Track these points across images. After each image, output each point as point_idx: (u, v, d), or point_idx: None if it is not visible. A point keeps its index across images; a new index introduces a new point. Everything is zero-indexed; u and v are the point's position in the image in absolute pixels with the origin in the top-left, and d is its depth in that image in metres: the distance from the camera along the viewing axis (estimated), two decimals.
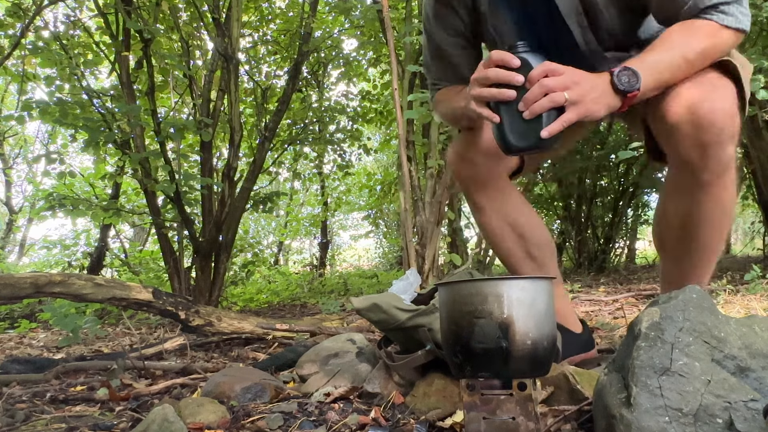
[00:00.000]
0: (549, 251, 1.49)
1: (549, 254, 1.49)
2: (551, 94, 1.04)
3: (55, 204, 3.68)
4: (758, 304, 2.52)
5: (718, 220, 1.20)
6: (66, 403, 1.49)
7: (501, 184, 1.46)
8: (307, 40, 4.91)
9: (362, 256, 13.75)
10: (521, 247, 1.47)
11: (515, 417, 0.95)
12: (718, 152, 1.10)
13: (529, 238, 1.47)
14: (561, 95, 1.04)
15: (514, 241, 1.46)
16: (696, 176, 1.15)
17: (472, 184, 1.46)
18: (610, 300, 3.29)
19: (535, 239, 1.47)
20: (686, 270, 1.30)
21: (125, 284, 2.42)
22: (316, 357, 1.60)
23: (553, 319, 1.00)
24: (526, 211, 1.49)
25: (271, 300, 5.97)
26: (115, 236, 6.05)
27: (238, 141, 4.16)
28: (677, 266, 1.32)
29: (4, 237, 9.70)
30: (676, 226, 1.25)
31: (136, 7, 3.89)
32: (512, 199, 1.48)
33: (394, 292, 1.42)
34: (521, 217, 1.47)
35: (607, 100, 1.07)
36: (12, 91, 8.57)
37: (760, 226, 7.90)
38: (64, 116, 3.52)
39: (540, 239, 1.49)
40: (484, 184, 1.45)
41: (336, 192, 9.74)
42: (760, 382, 0.84)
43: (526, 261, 1.47)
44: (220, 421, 1.21)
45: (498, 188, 1.45)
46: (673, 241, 1.29)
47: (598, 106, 1.06)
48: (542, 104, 1.04)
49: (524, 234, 1.47)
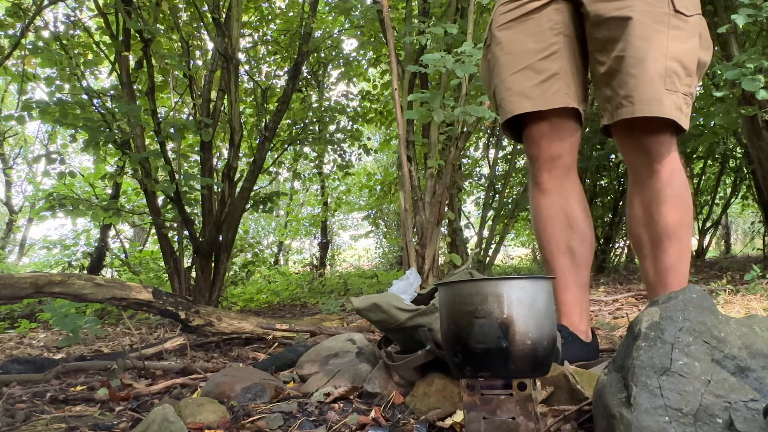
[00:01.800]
0: (589, 251, 1.48)
1: (588, 254, 1.48)
2: None
3: (55, 204, 3.67)
4: (758, 304, 2.52)
5: (674, 200, 1.31)
6: (66, 403, 1.49)
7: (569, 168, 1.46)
8: (307, 40, 4.91)
9: (362, 256, 13.75)
10: (566, 237, 1.45)
11: (515, 417, 0.95)
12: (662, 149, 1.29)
13: (577, 232, 1.46)
14: None
15: (563, 230, 1.45)
16: (648, 167, 1.32)
17: (544, 164, 1.44)
18: (610, 300, 3.29)
19: (582, 235, 1.46)
20: (662, 263, 1.35)
21: (125, 284, 2.42)
22: (316, 357, 1.60)
23: (553, 319, 1.00)
24: (583, 206, 1.48)
25: (271, 300, 5.97)
26: (115, 236, 6.05)
27: (238, 141, 4.16)
28: (653, 262, 1.37)
29: (4, 237, 9.70)
30: (643, 219, 1.36)
31: (136, 7, 3.89)
32: (575, 189, 1.47)
33: (394, 292, 1.42)
34: (578, 210, 1.46)
35: None
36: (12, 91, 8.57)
37: (760, 226, 7.90)
38: (64, 116, 3.52)
39: (585, 236, 1.47)
40: (555, 165, 1.44)
41: (336, 192, 9.74)
42: (760, 382, 0.84)
43: (564, 254, 1.46)
44: (220, 421, 1.21)
45: (565, 171, 1.45)
46: (644, 234, 1.37)
47: None
48: None
49: (574, 226, 1.46)
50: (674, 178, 1.32)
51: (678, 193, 1.33)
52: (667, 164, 1.31)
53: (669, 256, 1.34)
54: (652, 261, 1.37)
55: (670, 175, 1.32)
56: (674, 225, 1.33)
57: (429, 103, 2.98)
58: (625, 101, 1.27)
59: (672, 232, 1.33)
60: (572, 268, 1.46)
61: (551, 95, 1.35)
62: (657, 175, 1.31)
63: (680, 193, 1.34)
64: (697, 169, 7.59)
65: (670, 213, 1.33)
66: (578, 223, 1.46)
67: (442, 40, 3.27)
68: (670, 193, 1.32)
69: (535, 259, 10.03)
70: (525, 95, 1.36)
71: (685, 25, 1.29)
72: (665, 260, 1.34)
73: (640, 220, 1.37)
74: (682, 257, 1.35)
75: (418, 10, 4.35)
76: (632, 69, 1.26)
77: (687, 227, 1.35)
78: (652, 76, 1.25)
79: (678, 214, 1.33)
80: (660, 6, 1.27)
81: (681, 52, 1.27)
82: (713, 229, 7.82)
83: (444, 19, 3.78)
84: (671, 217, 1.33)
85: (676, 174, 1.32)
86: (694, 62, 1.30)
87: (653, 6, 1.27)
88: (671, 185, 1.32)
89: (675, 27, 1.27)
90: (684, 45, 1.28)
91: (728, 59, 3.65)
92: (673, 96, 1.25)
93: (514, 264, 10.74)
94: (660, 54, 1.25)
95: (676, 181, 1.33)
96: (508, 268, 9.70)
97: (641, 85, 1.26)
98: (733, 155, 7.15)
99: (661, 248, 1.34)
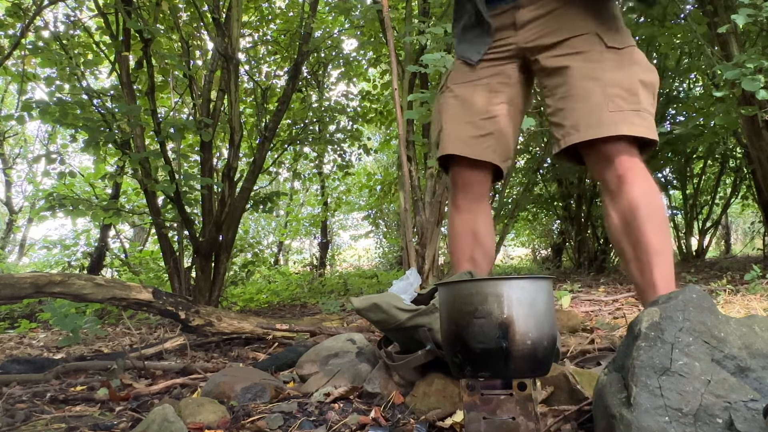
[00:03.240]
0: (488, 262, 1.76)
1: (486, 265, 1.75)
2: None
3: (55, 204, 3.67)
4: (758, 304, 2.52)
5: (646, 202, 1.45)
6: (66, 403, 1.49)
7: (481, 195, 1.73)
8: (307, 40, 4.91)
9: (362, 256, 13.74)
10: (470, 249, 1.73)
11: (515, 417, 0.95)
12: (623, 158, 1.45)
13: (480, 245, 1.73)
14: None
15: (468, 242, 1.73)
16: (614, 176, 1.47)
17: (461, 189, 1.73)
18: (610, 300, 3.29)
19: (484, 248, 1.74)
20: (645, 266, 1.46)
21: (125, 284, 2.42)
22: (316, 357, 1.60)
23: (553, 319, 1.00)
24: (488, 226, 1.77)
25: (271, 300, 5.97)
26: (115, 236, 6.05)
27: (238, 141, 4.16)
28: (637, 265, 1.48)
29: (4, 237, 9.70)
30: (620, 226, 1.50)
31: (136, 7, 3.89)
32: (484, 211, 1.75)
33: (394, 292, 1.42)
34: (483, 228, 1.75)
35: None
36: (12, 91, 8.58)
37: (760, 226, 7.90)
38: (64, 116, 3.51)
39: (487, 250, 1.75)
40: (469, 191, 1.72)
41: (336, 192, 9.74)
42: (760, 382, 0.84)
43: (468, 261, 1.71)
44: (220, 421, 1.21)
45: (477, 197, 1.72)
46: (624, 240, 1.50)
47: None
48: None
49: (478, 240, 1.73)
50: (640, 185, 1.47)
51: (648, 201, 1.47)
52: (631, 172, 1.46)
53: (649, 257, 1.45)
54: (636, 264, 1.48)
55: (633, 180, 1.46)
56: (649, 227, 1.45)
57: (429, 103, 2.98)
58: (572, 130, 1.49)
59: (648, 233, 1.45)
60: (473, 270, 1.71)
61: (482, 149, 1.65)
62: (625, 185, 1.46)
63: (649, 200, 1.47)
64: (697, 169, 7.59)
65: (642, 216, 1.46)
66: (482, 239, 1.72)
67: (442, 40, 3.27)
68: (642, 202, 1.45)
69: (535, 259, 10.04)
70: (463, 142, 1.66)
71: (620, 57, 1.49)
72: (647, 261, 1.45)
73: (618, 228, 1.50)
74: (663, 254, 1.46)
75: (418, 10, 4.35)
76: (576, 104, 1.49)
77: (660, 226, 1.47)
78: (594, 105, 1.46)
79: (648, 214, 1.46)
80: (594, 48, 1.49)
81: (620, 78, 1.47)
82: (713, 229, 7.81)
83: (444, 19, 3.78)
84: (644, 219, 1.46)
85: (640, 180, 1.47)
86: (635, 84, 1.47)
87: (588, 50, 1.49)
88: (640, 192, 1.46)
89: (610, 60, 1.48)
90: (621, 72, 1.47)
91: (728, 59, 3.65)
92: (620, 115, 1.44)
93: (514, 264, 10.74)
94: (599, 87, 1.46)
95: (643, 187, 1.47)
96: (508, 268, 9.70)
97: (585, 115, 1.47)
98: (733, 155, 7.15)
99: (641, 250, 1.45)
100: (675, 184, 7.51)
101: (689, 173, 7.48)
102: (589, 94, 1.47)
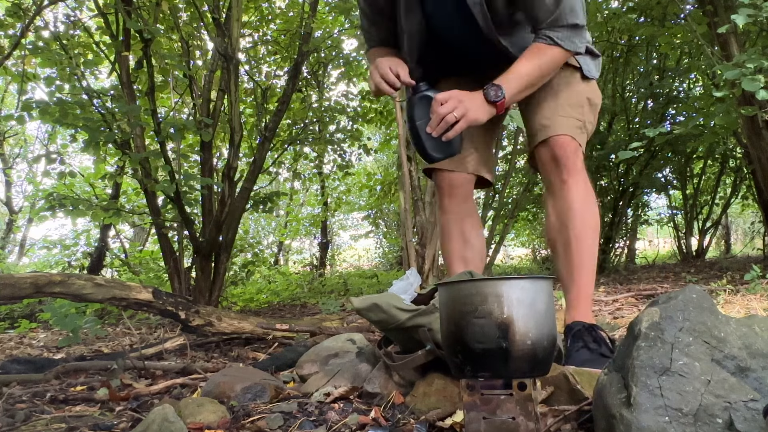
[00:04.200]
0: (479, 259, 1.84)
1: (478, 261, 1.83)
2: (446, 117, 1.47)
3: (55, 204, 3.67)
4: (758, 304, 2.52)
5: (580, 206, 1.61)
6: (66, 403, 1.49)
7: (466, 196, 1.83)
8: (307, 40, 4.90)
9: (362, 256, 13.74)
10: (460, 248, 1.82)
11: (515, 417, 0.95)
12: (568, 163, 1.61)
13: (469, 244, 1.82)
14: (452, 116, 1.47)
15: (458, 242, 1.82)
16: (559, 178, 1.63)
17: (446, 191, 1.82)
18: (610, 300, 3.29)
19: (473, 247, 1.83)
20: (572, 263, 1.61)
21: (125, 284, 2.42)
22: (316, 357, 1.60)
23: (553, 319, 1.00)
24: (475, 222, 1.86)
25: (271, 300, 5.97)
26: (115, 236, 6.05)
27: (238, 141, 4.15)
28: (565, 263, 1.63)
29: (4, 237, 9.70)
30: (556, 224, 1.65)
31: (136, 7, 3.89)
32: (470, 211, 1.84)
33: (394, 292, 1.42)
34: (470, 227, 1.84)
35: (484, 109, 1.51)
36: (12, 91, 8.57)
37: (760, 226, 7.90)
38: (64, 116, 3.51)
39: (476, 248, 1.83)
40: (454, 193, 1.81)
41: (336, 192, 9.74)
42: (760, 382, 0.84)
43: (459, 260, 1.80)
44: (220, 421, 1.21)
45: (463, 198, 1.82)
46: (558, 238, 1.65)
47: (479, 114, 1.51)
48: (441, 127, 1.49)
49: (467, 240, 1.82)
50: (579, 188, 1.62)
51: (582, 205, 1.62)
52: (573, 176, 1.62)
53: (577, 256, 1.61)
54: (564, 261, 1.64)
55: (575, 184, 1.62)
56: (581, 229, 1.61)
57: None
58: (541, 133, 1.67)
59: (579, 236, 1.61)
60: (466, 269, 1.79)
61: (464, 164, 1.79)
62: (566, 185, 1.62)
63: (585, 204, 1.63)
64: (697, 169, 7.59)
65: (577, 219, 1.61)
66: (470, 238, 1.82)
67: None
68: (578, 206, 1.61)
69: (535, 259, 10.04)
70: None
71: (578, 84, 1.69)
72: (574, 260, 1.61)
73: (555, 226, 1.66)
74: (589, 257, 1.62)
75: None
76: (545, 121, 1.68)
77: (592, 230, 1.62)
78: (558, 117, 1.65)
79: (586, 223, 1.62)
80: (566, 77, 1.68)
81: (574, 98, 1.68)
82: (713, 229, 7.82)
83: None
84: (578, 223, 1.61)
85: (580, 184, 1.63)
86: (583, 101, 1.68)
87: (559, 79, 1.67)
88: (578, 195, 1.62)
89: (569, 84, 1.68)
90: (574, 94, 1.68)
91: (728, 59, 3.65)
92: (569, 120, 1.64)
93: (514, 264, 10.74)
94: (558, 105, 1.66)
95: (581, 190, 1.63)
96: (508, 268, 9.71)
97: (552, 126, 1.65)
98: (733, 155, 7.15)
99: (571, 250, 1.61)
100: (675, 184, 7.51)
101: (689, 173, 7.48)
102: (554, 115, 1.66)
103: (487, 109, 1.51)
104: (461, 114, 1.47)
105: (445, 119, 1.47)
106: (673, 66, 6.28)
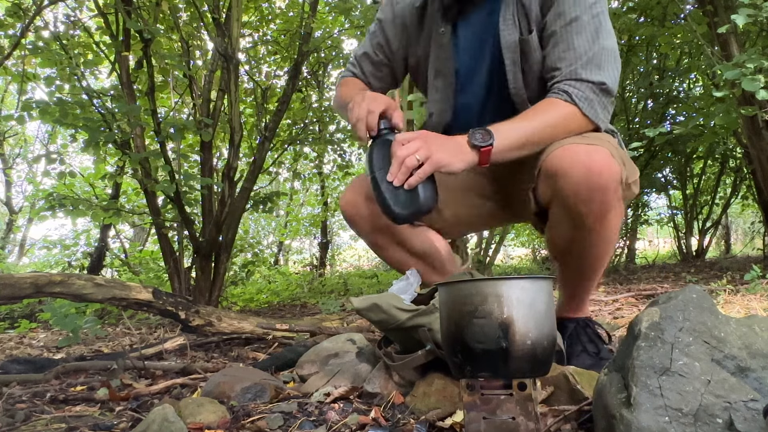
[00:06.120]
0: (449, 260, 1.63)
1: (449, 262, 1.62)
2: (405, 161, 1.19)
3: (55, 204, 3.67)
4: (758, 304, 2.52)
5: (602, 249, 1.35)
6: (66, 403, 1.49)
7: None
8: (307, 40, 4.91)
9: (362, 256, 13.73)
10: (427, 264, 1.61)
11: (515, 417, 0.95)
12: (605, 196, 1.23)
13: (430, 254, 1.61)
14: (412, 159, 1.19)
15: (418, 263, 1.59)
16: (581, 221, 1.28)
17: (369, 229, 1.57)
18: (610, 300, 3.29)
19: (437, 254, 1.61)
20: (577, 277, 1.45)
21: (125, 284, 2.42)
22: (316, 357, 1.60)
23: (553, 319, 1.00)
24: (419, 231, 1.60)
25: (271, 300, 5.97)
26: (115, 236, 6.05)
27: (238, 141, 4.16)
28: (569, 274, 1.47)
29: (4, 237, 9.70)
30: (563, 248, 1.41)
31: (136, 7, 3.89)
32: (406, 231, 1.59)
33: (394, 292, 1.42)
34: (417, 241, 1.60)
35: (463, 154, 1.22)
36: (12, 91, 8.58)
37: (760, 226, 7.90)
38: (64, 116, 3.51)
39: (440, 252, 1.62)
40: (383, 229, 1.55)
41: (336, 192, 9.73)
42: (760, 382, 0.84)
43: (433, 272, 1.60)
44: (220, 421, 1.21)
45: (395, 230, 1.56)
46: (561, 257, 1.45)
47: (451, 158, 1.21)
48: (403, 173, 1.20)
49: (425, 252, 1.60)
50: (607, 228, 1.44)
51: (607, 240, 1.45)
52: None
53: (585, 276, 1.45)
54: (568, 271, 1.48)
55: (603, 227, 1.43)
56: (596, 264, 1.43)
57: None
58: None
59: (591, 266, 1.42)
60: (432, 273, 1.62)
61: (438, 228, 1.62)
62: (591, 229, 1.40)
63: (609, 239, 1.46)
64: (697, 169, 7.58)
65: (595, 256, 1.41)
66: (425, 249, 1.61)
67: None
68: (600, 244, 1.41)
69: (535, 259, 10.03)
70: None
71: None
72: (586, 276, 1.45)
73: (561, 251, 1.47)
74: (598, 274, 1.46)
75: None
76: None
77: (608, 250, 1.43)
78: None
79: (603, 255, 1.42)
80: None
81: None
82: (713, 229, 7.81)
83: None
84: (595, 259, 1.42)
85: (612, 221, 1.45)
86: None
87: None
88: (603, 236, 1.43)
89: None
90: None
91: (728, 59, 3.65)
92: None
93: (514, 264, 10.73)
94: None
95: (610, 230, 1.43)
96: (508, 268, 9.70)
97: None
98: (733, 155, 7.15)
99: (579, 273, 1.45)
100: (675, 184, 7.51)
101: (689, 173, 7.47)
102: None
103: (465, 156, 1.21)
104: (425, 156, 1.18)
105: (404, 162, 1.19)
106: (673, 66, 6.27)
